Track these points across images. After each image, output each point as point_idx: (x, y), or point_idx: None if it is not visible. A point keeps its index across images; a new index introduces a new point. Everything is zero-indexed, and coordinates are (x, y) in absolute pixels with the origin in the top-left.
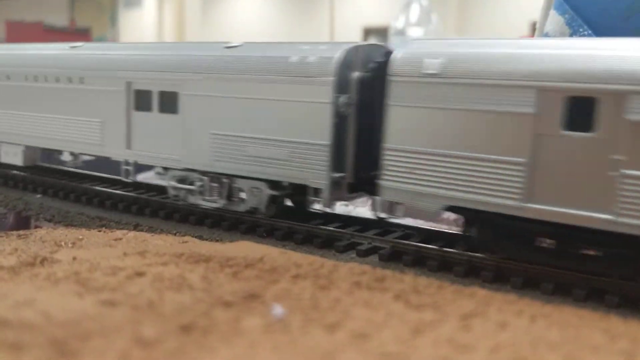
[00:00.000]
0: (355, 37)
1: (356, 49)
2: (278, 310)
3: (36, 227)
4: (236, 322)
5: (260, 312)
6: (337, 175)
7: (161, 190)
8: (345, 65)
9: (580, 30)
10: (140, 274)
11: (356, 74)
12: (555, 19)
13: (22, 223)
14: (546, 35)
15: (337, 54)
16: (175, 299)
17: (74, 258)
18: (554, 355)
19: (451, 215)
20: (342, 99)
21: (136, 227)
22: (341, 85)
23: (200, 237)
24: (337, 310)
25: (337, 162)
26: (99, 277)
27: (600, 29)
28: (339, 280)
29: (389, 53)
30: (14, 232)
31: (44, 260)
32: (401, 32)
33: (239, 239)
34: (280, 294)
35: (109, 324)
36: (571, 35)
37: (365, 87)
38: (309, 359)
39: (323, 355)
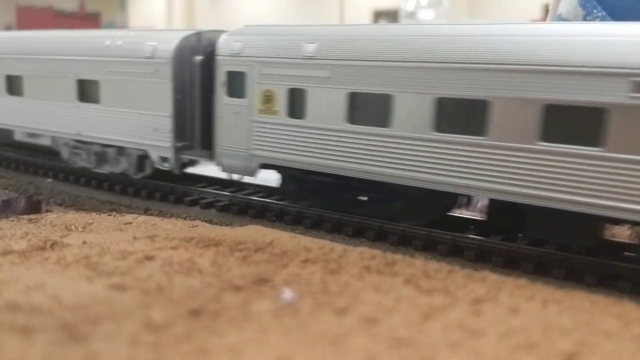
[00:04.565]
0: (365, 20)
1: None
2: (288, 294)
3: (47, 211)
4: (246, 306)
5: (269, 297)
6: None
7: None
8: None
9: (594, 11)
10: (150, 258)
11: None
12: (568, 0)
13: (33, 207)
14: (559, 17)
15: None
16: (185, 283)
17: (84, 242)
18: (566, 341)
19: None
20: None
21: (146, 211)
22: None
23: (210, 222)
24: (347, 294)
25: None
26: (109, 261)
27: (615, 10)
28: (348, 265)
29: None
30: (25, 216)
31: (54, 244)
32: (412, 15)
33: (248, 223)
34: (289, 278)
35: (119, 308)
36: (585, 16)
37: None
38: (319, 343)
39: (333, 339)
